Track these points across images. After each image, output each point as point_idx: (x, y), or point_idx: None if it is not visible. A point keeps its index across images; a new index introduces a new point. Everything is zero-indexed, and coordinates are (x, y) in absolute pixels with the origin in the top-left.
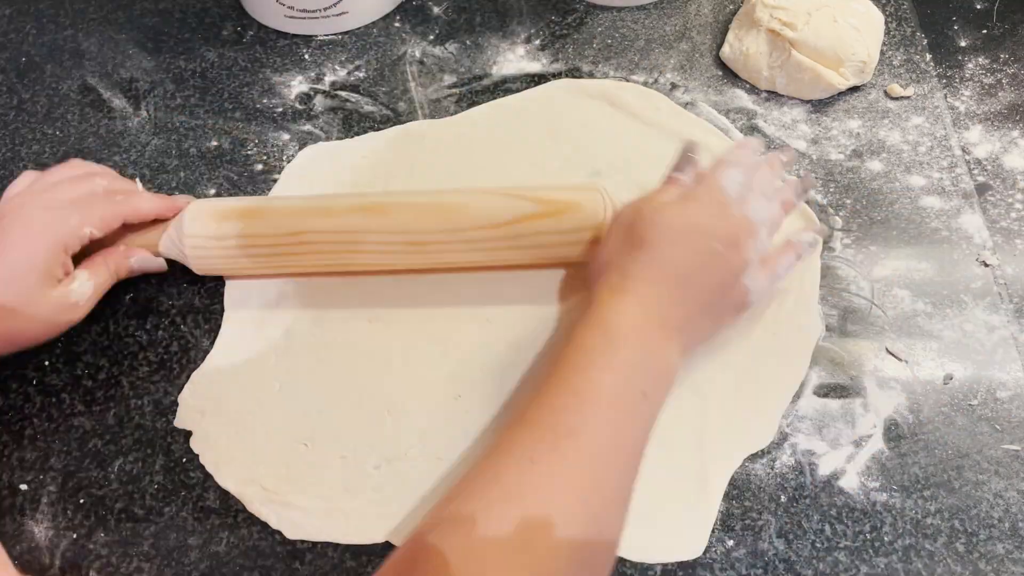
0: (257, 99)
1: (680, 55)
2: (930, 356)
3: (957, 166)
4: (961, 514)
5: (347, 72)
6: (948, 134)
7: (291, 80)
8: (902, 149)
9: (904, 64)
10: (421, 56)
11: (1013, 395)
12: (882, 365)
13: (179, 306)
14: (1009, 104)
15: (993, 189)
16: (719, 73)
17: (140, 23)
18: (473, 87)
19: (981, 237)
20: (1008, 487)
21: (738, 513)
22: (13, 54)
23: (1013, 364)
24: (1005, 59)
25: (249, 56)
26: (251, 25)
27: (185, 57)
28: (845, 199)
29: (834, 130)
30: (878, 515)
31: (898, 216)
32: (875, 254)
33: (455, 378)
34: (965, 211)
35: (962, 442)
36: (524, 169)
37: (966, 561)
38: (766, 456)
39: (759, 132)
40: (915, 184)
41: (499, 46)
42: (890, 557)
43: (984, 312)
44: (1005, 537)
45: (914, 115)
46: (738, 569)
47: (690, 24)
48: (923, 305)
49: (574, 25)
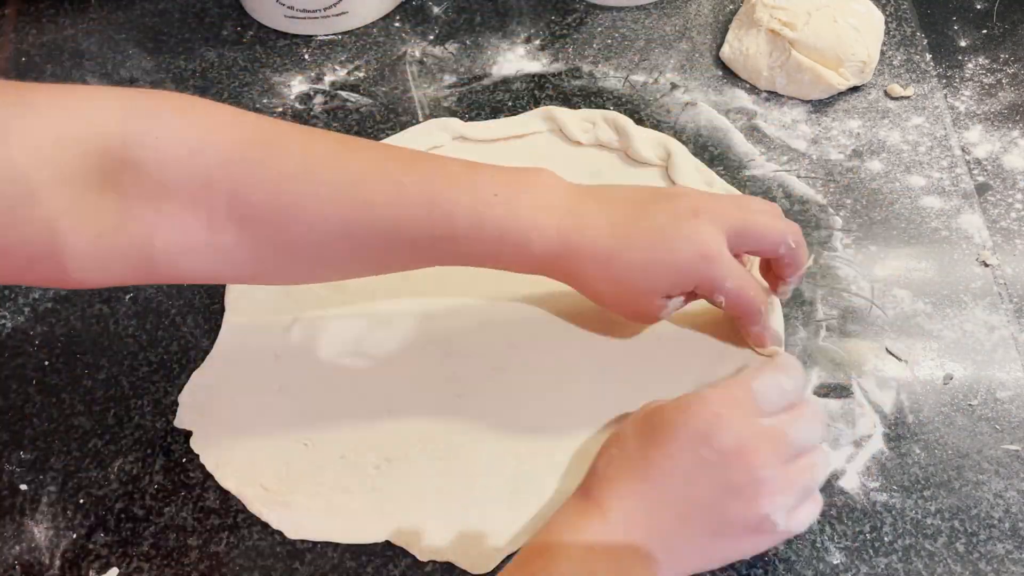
0: (257, 99)
1: (680, 55)
2: (930, 356)
3: (957, 166)
4: (961, 514)
5: (347, 72)
6: (948, 134)
7: (291, 80)
8: (902, 149)
9: (904, 64)
10: (421, 56)
11: (1013, 395)
12: (882, 365)
13: (179, 306)
14: (1009, 104)
15: (993, 189)
16: (719, 73)
17: (140, 23)
18: (473, 87)
19: (981, 237)
20: (1008, 487)
21: None
22: (13, 54)
23: (1013, 364)
24: (1005, 59)
25: (249, 56)
26: (251, 25)
27: (185, 57)
28: (845, 199)
29: (834, 130)
30: (878, 515)
31: (898, 216)
32: (875, 254)
33: (455, 378)
34: (965, 211)
35: (962, 442)
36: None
37: (966, 561)
38: None
39: (759, 132)
40: (915, 184)
41: (499, 46)
42: (890, 557)
43: (984, 312)
44: (1005, 537)
45: (914, 115)
46: (738, 569)
47: (690, 24)
48: (923, 305)
49: (574, 25)
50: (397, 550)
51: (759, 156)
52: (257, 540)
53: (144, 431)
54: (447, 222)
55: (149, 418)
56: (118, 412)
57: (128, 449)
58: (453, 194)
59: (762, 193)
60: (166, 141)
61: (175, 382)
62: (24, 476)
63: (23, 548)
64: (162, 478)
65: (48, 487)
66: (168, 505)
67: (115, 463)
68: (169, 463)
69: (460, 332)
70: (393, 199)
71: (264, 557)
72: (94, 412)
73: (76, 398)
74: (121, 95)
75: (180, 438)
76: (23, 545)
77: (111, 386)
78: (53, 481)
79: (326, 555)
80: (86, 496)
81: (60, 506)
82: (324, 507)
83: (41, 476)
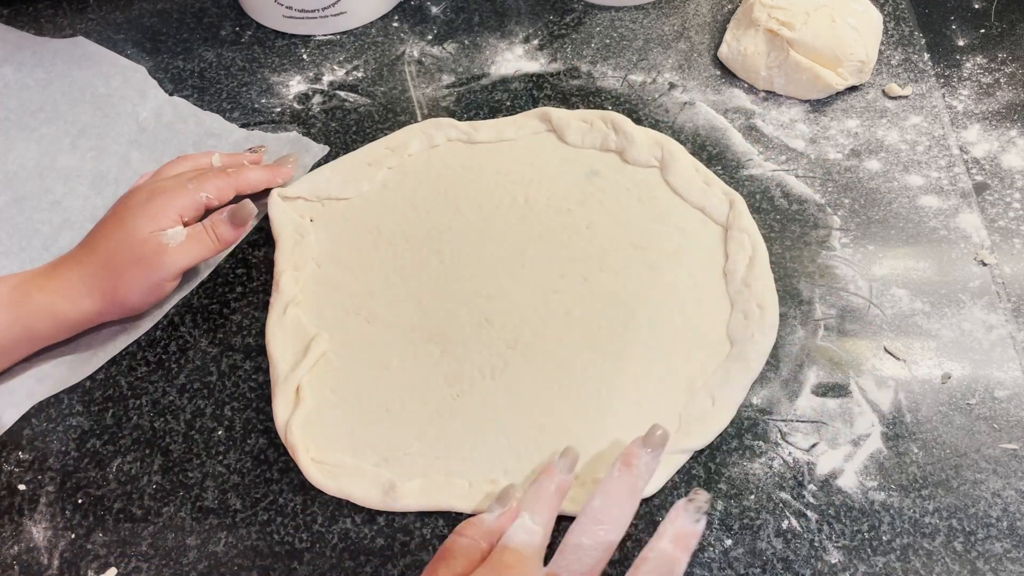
0: (255, 99)
1: (678, 55)
2: (928, 355)
3: (955, 165)
4: (959, 513)
5: (345, 72)
6: (946, 133)
7: (289, 80)
8: (900, 148)
9: (902, 64)
10: (419, 56)
11: (1011, 394)
12: (880, 364)
13: (178, 306)
14: (1007, 103)
15: (991, 188)
16: (717, 73)
17: (138, 23)
18: (471, 87)
19: (979, 236)
20: (1006, 486)
21: (736, 512)
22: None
23: (1011, 363)
24: (1003, 58)
25: (247, 56)
26: (249, 25)
27: (183, 57)
28: (843, 198)
29: (832, 129)
30: (876, 514)
31: (896, 215)
32: (873, 253)
33: (455, 378)
34: (963, 210)
35: (960, 441)
36: (524, 171)
37: (964, 560)
38: (764, 455)
39: (757, 131)
40: (913, 183)
41: (497, 46)
42: (888, 556)
43: (982, 311)
44: (1003, 536)
45: (912, 114)
46: (736, 568)
47: (688, 24)
48: (921, 304)
49: (572, 25)
50: (397, 550)
51: (757, 156)
52: (255, 540)
53: (142, 431)
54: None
55: (147, 418)
56: (116, 412)
57: (126, 449)
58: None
59: (760, 192)
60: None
61: (173, 382)
62: (23, 476)
63: (22, 548)
64: (160, 478)
65: (46, 487)
66: (166, 505)
67: (113, 463)
68: (167, 463)
69: (460, 332)
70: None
71: (263, 557)
72: (92, 412)
73: (75, 398)
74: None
75: (178, 438)
76: (22, 545)
77: (109, 386)
78: (51, 481)
79: (324, 555)
80: (84, 496)
81: (59, 506)
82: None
83: (39, 476)
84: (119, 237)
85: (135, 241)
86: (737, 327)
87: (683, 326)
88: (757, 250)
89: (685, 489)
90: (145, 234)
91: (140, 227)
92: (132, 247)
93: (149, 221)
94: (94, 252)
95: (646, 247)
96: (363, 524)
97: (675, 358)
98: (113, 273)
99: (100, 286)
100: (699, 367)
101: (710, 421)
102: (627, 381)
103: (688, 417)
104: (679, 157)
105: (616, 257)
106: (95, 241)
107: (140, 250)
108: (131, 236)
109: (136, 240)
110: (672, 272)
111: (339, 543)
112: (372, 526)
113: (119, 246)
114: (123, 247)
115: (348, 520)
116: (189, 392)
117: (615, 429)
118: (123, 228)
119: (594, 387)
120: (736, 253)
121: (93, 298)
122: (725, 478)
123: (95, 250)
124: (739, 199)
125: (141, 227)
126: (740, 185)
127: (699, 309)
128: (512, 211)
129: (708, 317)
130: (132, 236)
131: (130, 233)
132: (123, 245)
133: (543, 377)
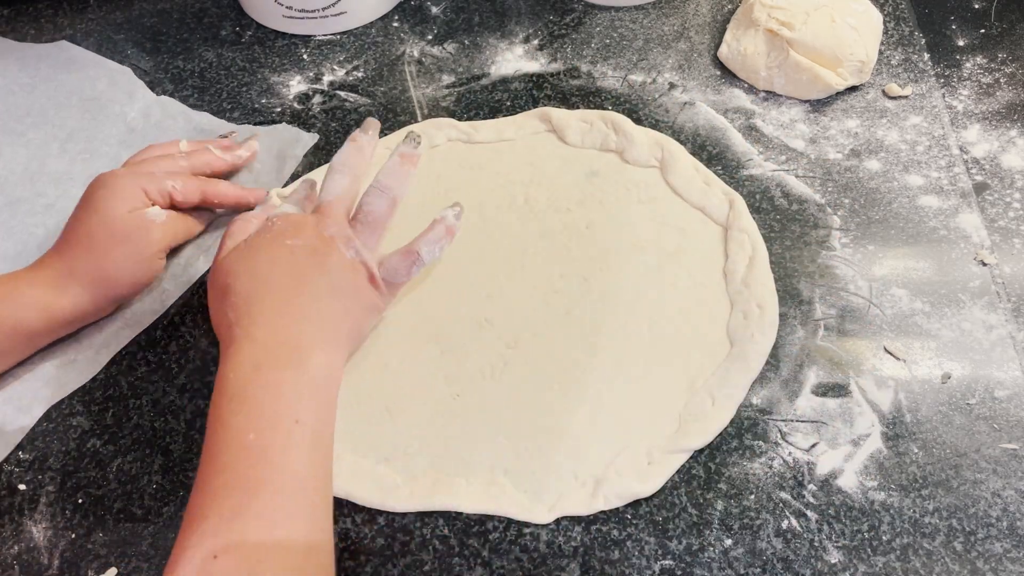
0: (255, 99)
1: (678, 55)
2: (928, 355)
3: (955, 165)
4: (959, 513)
5: (345, 72)
6: (946, 133)
7: (289, 80)
8: (900, 148)
9: (902, 64)
10: (419, 56)
11: (1011, 394)
12: (880, 364)
13: (178, 306)
14: (1007, 103)
15: (991, 188)
16: (717, 73)
17: (138, 23)
18: (471, 87)
19: (979, 236)
20: (1006, 486)
21: (736, 512)
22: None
23: (1011, 363)
24: (1003, 58)
25: (247, 56)
26: (249, 25)
27: (184, 57)
28: (843, 198)
29: (832, 129)
30: (876, 514)
31: (896, 215)
32: (873, 253)
33: (455, 378)
34: (963, 210)
35: (960, 441)
36: (524, 171)
37: (964, 560)
38: (764, 455)
39: (757, 131)
40: (913, 183)
41: (497, 46)
42: (888, 556)
43: (982, 311)
44: (1003, 536)
45: (912, 114)
46: (736, 568)
47: (688, 24)
48: (921, 304)
49: (572, 25)
50: (396, 550)
51: (757, 155)
52: None
53: (143, 431)
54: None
55: (148, 418)
56: (116, 412)
57: (127, 449)
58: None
59: (760, 192)
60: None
61: (173, 382)
62: (23, 476)
63: (22, 548)
64: (160, 478)
65: (47, 487)
66: (167, 505)
67: (113, 463)
68: (168, 463)
69: (460, 332)
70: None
71: None
72: (92, 412)
73: (74, 398)
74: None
75: (179, 438)
76: (22, 545)
77: (109, 386)
78: (52, 481)
79: None
80: (85, 496)
81: (59, 506)
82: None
83: (40, 476)
84: (96, 221)
85: (112, 221)
86: (737, 327)
87: (683, 326)
88: (757, 250)
89: (685, 489)
90: (122, 213)
91: (113, 207)
92: (111, 228)
93: (120, 202)
94: (74, 241)
95: (646, 247)
96: (363, 524)
97: (675, 358)
98: (96, 256)
99: (86, 271)
100: (699, 367)
101: (710, 421)
102: (627, 381)
103: (688, 417)
104: (679, 157)
105: (616, 257)
106: (72, 231)
107: (122, 229)
108: (107, 218)
109: (114, 221)
110: (672, 272)
111: (339, 543)
112: (372, 526)
113: (97, 229)
114: (101, 229)
115: (348, 520)
116: (189, 392)
117: (615, 429)
118: (97, 213)
119: (594, 387)
120: (736, 253)
121: (82, 284)
122: (725, 478)
123: (74, 239)
124: (739, 199)
125: (114, 207)
126: (740, 185)
127: (699, 309)
128: (512, 211)
129: (708, 317)
130: (109, 217)
131: (105, 216)
132: (101, 228)
133: (543, 377)
